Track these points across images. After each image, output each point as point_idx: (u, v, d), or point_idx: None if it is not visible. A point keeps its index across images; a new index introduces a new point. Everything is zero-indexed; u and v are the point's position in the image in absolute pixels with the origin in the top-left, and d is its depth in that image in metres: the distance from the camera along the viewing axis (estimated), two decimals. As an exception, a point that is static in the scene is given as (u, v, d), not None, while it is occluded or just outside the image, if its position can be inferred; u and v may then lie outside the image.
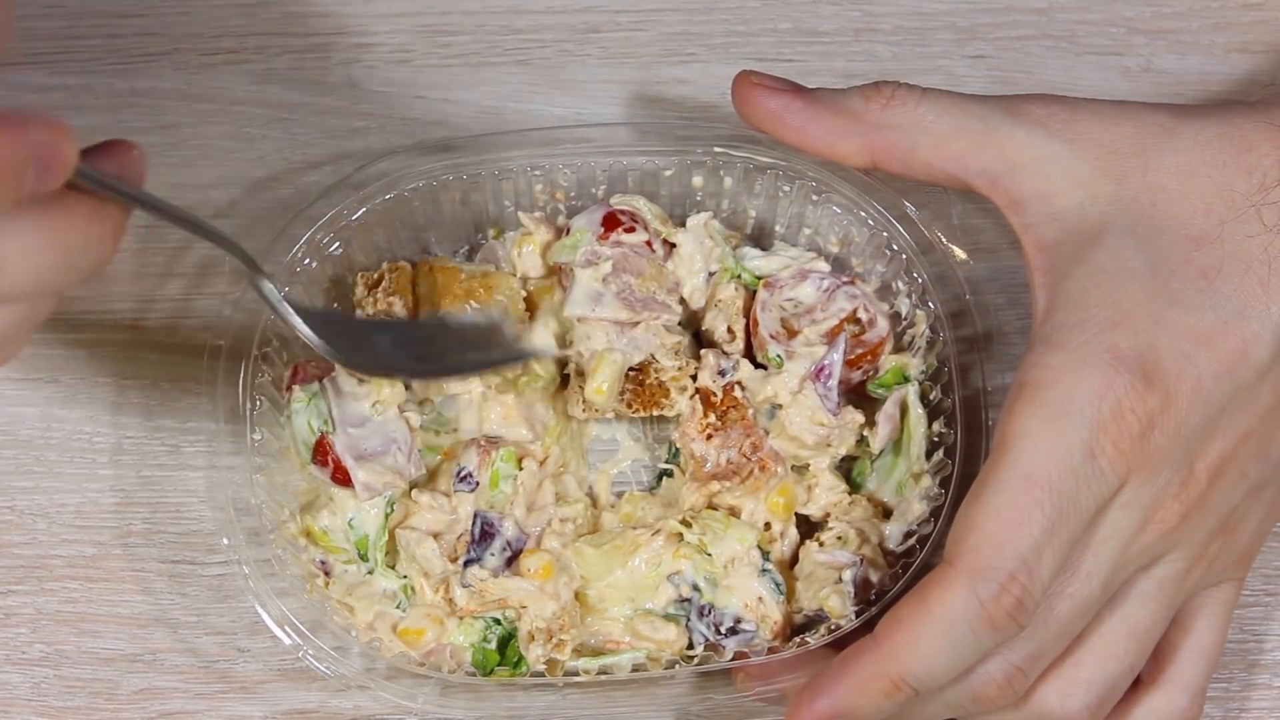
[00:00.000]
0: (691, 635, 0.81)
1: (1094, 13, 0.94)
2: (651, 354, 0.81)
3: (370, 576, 0.81)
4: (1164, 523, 0.70)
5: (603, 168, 0.85)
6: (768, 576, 0.80)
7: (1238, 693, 0.83)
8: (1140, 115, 0.74)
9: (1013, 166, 0.74)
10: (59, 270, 0.60)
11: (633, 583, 0.81)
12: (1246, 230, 0.71)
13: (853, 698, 0.69)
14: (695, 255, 0.83)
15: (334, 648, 0.78)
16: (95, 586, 0.84)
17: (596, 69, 0.92)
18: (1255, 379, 0.70)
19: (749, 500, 0.82)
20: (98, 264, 0.62)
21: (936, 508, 0.79)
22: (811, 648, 0.78)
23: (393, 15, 0.93)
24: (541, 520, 0.81)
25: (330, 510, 0.81)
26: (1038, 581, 0.67)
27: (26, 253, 0.59)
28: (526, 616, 0.79)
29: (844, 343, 0.81)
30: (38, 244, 0.59)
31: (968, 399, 0.81)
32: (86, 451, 0.86)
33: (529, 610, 0.79)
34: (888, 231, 0.83)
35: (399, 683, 0.79)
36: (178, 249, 0.89)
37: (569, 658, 0.79)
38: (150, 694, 0.83)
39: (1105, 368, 0.68)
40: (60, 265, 0.60)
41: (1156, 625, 0.73)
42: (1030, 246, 0.74)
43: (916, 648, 0.68)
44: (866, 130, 0.76)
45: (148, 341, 0.88)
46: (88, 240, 0.61)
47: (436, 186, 0.84)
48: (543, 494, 0.82)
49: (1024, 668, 0.71)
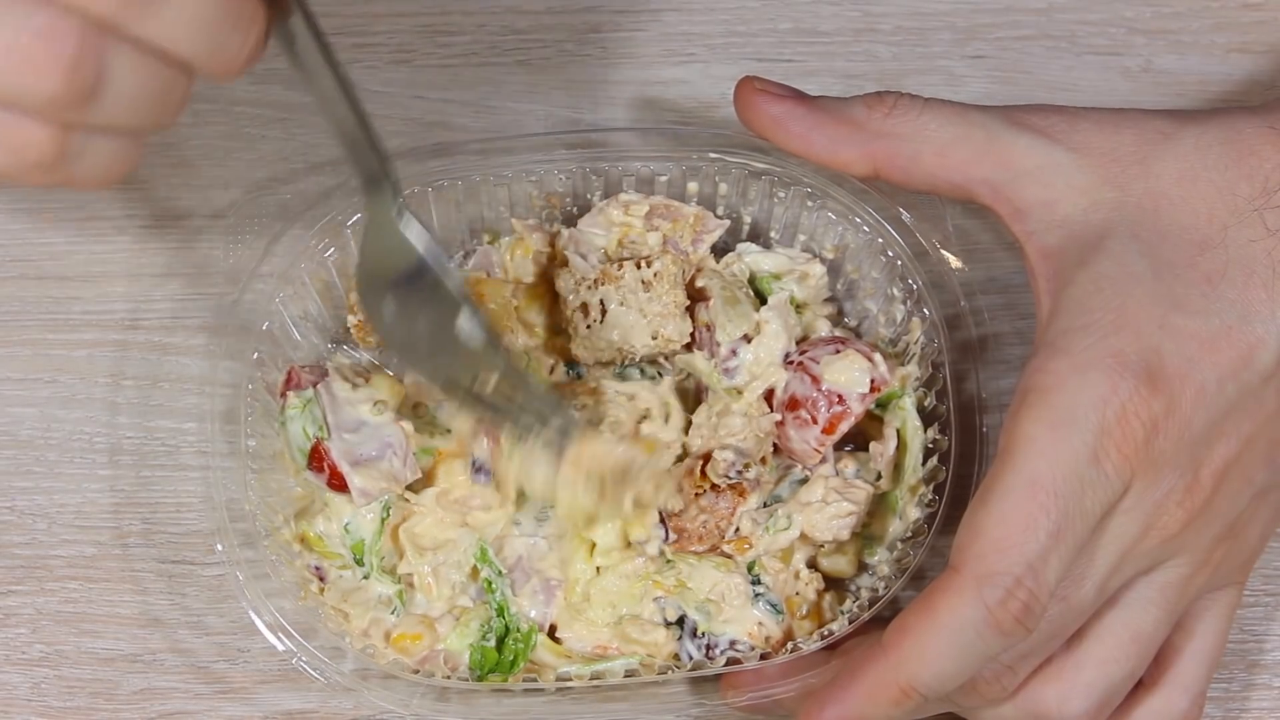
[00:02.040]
0: (680, 653, 0.80)
1: (1094, 13, 0.93)
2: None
3: (365, 582, 0.81)
4: (1166, 528, 0.70)
5: (598, 173, 0.85)
6: (762, 600, 0.80)
7: (1238, 693, 0.83)
8: (1141, 122, 0.74)
9: (1015, 174, 0.74)
10: (208, 32, 0.57)
11: (618, 589, 0.81)
12: (1249, 234, 0.71)
13: (861, 706, 0.69)
14: (780, 333, 0.81)
15: (330, 650, 0.78)
16: (95, 587, 0.84)
17: (596, 69, 0.92)
18: (1260, 383, 0.70)
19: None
20: (232, 59, 0.58)
21: (931, 514, 0.79)
22: (804, 653, 0.78)
23: (393, 15, 0.93)
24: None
25: (325, 515, 0.81)
26: (1044, 586, 0.67)
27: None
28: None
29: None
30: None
31: (963, 404, 0.81)
32: (86, 452, 0.86)
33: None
34: (883, 237, 0.83)
35: (393, 689, 0.79)
36: (176, 250, 0.89)
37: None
38: (150, 694, 0.83)
39: (1109, 372, 0.68)
40: (209, 28, 0.57)
41: (1159, 630, 0.73)
42: (1033, 254, 0.74)
43: (924, 655, 0.68)
44: (869, 138, 0.76)
45: (146, 342, 0.88)
46: (240, 19, 0.58)
47: (432, 191, 0.84)
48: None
49: (1014, 666, 0.71)
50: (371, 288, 0.71)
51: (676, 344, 0.80)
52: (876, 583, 0.80)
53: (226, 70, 0.59)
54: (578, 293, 0.80)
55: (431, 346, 0.72)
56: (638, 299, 0.80)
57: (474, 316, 0.70)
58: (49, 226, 0.89)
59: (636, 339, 0.80)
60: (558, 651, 0.80)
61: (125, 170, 0.60)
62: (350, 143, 0.64)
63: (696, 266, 0.84)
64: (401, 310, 0.71)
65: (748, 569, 0.81)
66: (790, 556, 0.81)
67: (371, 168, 0.65)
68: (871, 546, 0.82)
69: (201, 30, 0.57)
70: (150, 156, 0.90)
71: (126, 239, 0.89)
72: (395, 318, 0.72)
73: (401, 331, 0.72)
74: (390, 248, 0.68)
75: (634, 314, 0.80)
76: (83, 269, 0.89)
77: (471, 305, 0.70)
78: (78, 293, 0.88)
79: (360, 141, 0.64)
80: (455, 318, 0.70)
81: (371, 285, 0.71)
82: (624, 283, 0.80)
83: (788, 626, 0.81)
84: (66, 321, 0.88)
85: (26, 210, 0.89)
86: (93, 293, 0.88)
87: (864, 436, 0.83)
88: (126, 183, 0.89)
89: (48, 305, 0.88)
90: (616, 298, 0.80)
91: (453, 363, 0.73)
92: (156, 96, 0.58)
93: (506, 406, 0.74)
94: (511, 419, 0.75)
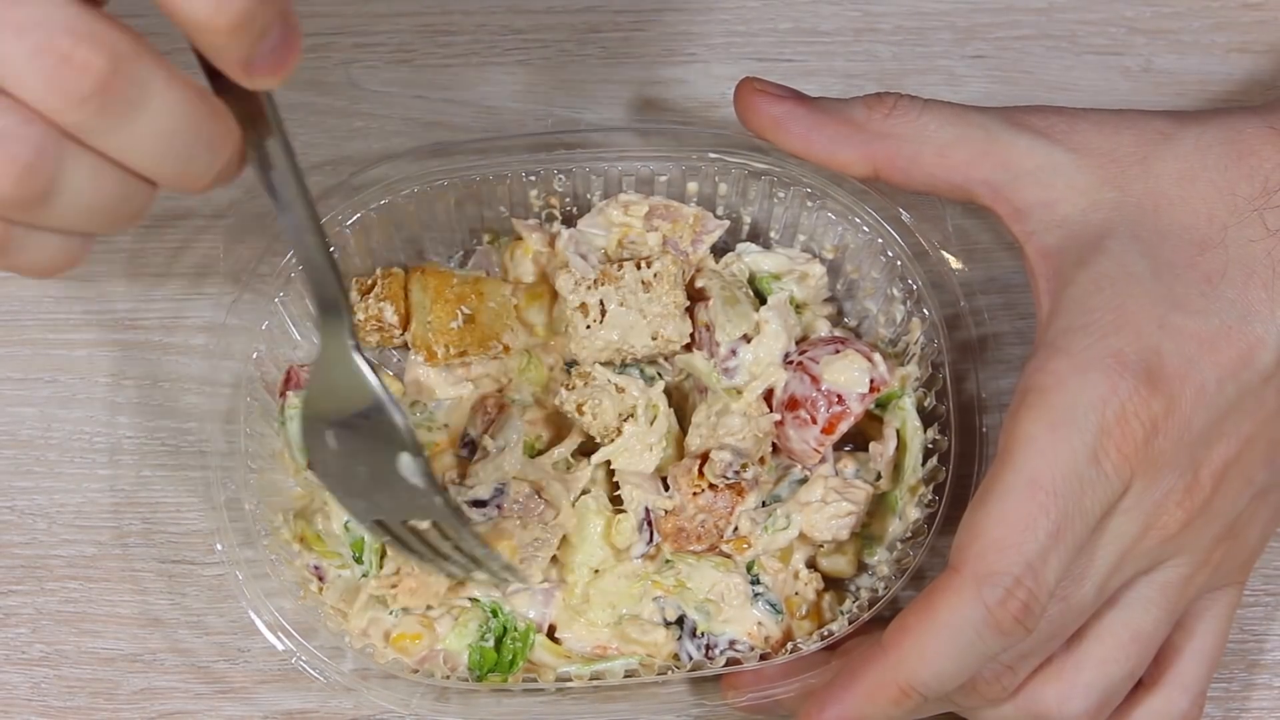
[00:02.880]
0: (680, 653, 0.81)
1: (1094, 13, 0.93)
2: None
3: (364, 580, 0.81)
4: (1166, 528, 0.70)
5: (598, 173, 0.85)
6: (761, 600, 0.80)
7: (1238, 693, 0.83)
8: (1140, 122, 0.74)
9: (1015, 175, 0.74)
10: (176, 150, 0.55)
11: (617, 590, 0.81)
12: (1249, 234, 0.71)
13: (862, 706, 0.69)
14: (780, 333, 0.81)
15: (330, 650, 0.78)
16: (95, 586, 0.84)
17: (596, 69, 0.92)
18: (1260, 383, 0.70)
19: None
20: (199, 178, 0.57)
21: (930, 514, 0.79)
22: (804, 653, 0.78)
23: (393, 15, 0.93)
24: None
25: (325, 514, 0.81)
26: (1044, 586, 0.67)
27: (165, 113, 0.54)
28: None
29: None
30: (177, 109, 0.54)
31: (963, 404, 0.81)
32: (86, 451, 0.86)
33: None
34: (882, 237, 0.83)
35: (393, 689, 0.79)
36: (176, 250, 0.88)
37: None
38: (150, 694, 0.83)
39: (1109, 372, 0.68)
40: (178, 146, 0.55)
41: (1159, 630, 0.73)
42: (1033, 254, 0.74)
43: (924, 654, 0.68)
44: (869, 139, 0.76)
45: (146, 342, 0.88)
46: (213, 140, 0.56)
47: (431, 191, 0.84)
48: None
49: (1014, 666, 0.71)
50: (316, 419, 0.69)
51: (676, 344, 0.80)
52: (876, 583, 0.80)
53: (192, 188, 0.58)
54: (578, 293, 0.80)
55: (369, 484, 0.70)
56: (638, 299, 0.80)
57: (417, 458, 0.68)
58: (49, 226, 0.89)
59: (636, 339, 0.80)
60: (557, 652, 0.80)
61: (70, 266, 0.59)
62: (313, 272, 0.64)
63: (696, 267, 0.84)
64: (343, 444, 0.69)
65: (747, 569, 0.81)
66: (789, 556, 0.82)
67: (330, 299, 0.65)
68: (871, 546, 0.82)
69: (170, 147, 0.55)
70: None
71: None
72: (336, 451, 0.69)
73: (339, 465, 0.70)
74: (341, 381, 0.67)
75: (634, 314, 0.80)
76: (83, 269, 0.88)
77: (416, 446, 0.67)
78: (78, 293, 0.88)
79: (323, 272, 0.64)
80: (397, 457, 0.68)
81: (316, 416, 0.69)
82: (624, 283, 0.80)
83: (787, 626, 0.81)
84: (66, 321, 0.88)
85: (26, 210, 0.89)
86: (93, 293, 0.88)
87: (864, 436, 0.83)
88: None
89: (48, 305, 0.88)
90: (616, 298, 0.80)
91: (389, 501, 0.70)
92: (113, 206, 0.57)
93: (436, 550, 0.73)
94: (439, 564, 0.74)
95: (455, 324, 0.81)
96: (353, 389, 0.66)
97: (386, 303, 0.82)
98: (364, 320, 0.83)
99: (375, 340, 0.84)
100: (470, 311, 0.82)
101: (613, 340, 0.80)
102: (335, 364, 0.66)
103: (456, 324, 0.81)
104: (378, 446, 0.68)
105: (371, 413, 0.67)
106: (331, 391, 0.67)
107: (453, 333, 0.81)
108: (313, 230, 0.62)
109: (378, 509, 0.71)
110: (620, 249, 0.83)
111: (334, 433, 0.68)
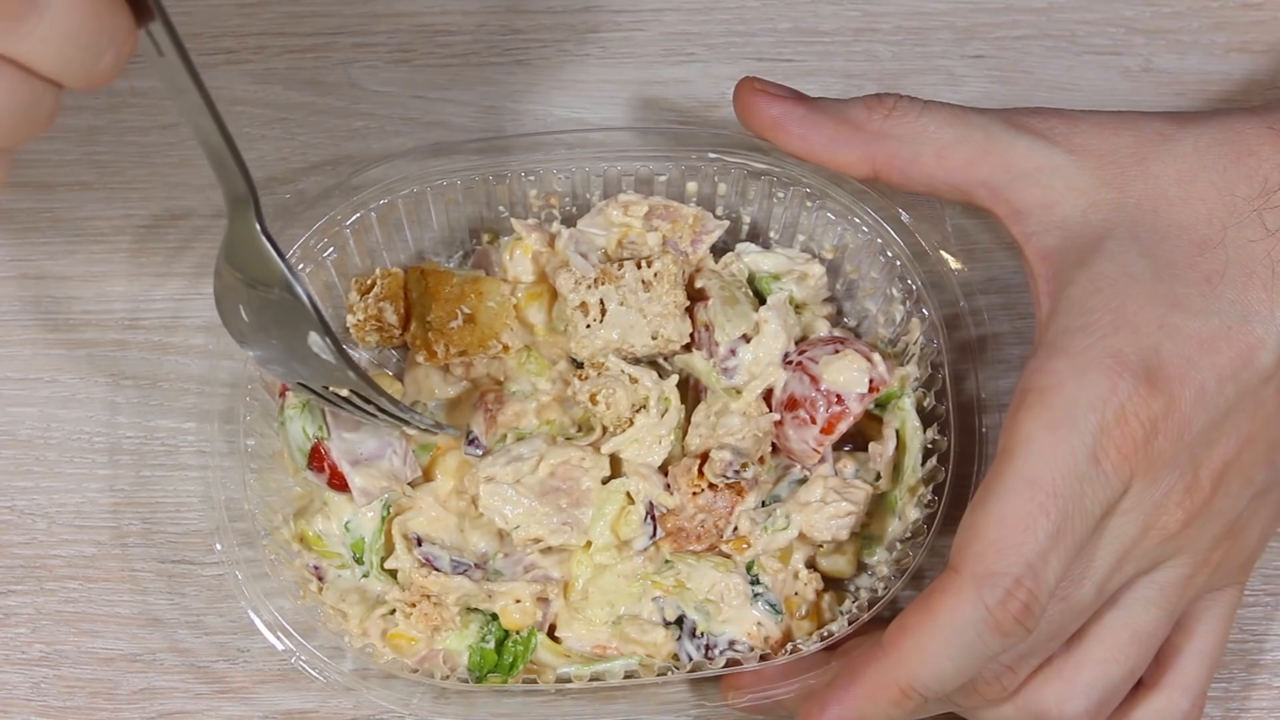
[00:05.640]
0: (679, 653, 0.80)
1: (1094, 12, 0.93)
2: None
3: (364, 581, 0.81)
4: (1166, 528, 0.70)
5: (597, 173, 0.85)
6: (761, 600, 0.80)
7: (1238, 693, 0.83)
8: (1139, 123, 0.74)
9: (1014, 176, 0.74)
10: (81, 48, 0.56)
11: (617, 589, 0.81)
12: (1249, 235, 0.71)
13: (862, 707, 0.69)
14: (779, 333, 0.81)
15: (329, 650, 0.78)
16: (95, 586, 0.84)
17: (596, 69, 0.92)
18: (1259, 383, 0.70)
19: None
20: (103, 75, 0.58)
21: (930, 515, 0.79)
22: (804, 654, 0.78)
23: (393, 15, 0.93)
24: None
25: (325, 514, 0.81)
26: (1044, 586, 0.67)
27: (68, 11, 0.55)
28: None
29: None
30: (79, 6, 0.55)
31: (962, 404, 0.81)
32: (85, 451, 0.86)
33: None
34: (882, 238, 0.83)
35: (393, 689, 0.79)
36: (176, 250, 0.88)
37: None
38: (150, 694, 0.83)
39: (1108, 372, 0.68)
40: (84, 43, 0.56)
41: (1159, 630, 0.73)
42: (1033, 255, 0.74)
43: (924, 655, 0.68)
44: (868, 140, 0.76)
45: (145, 342, 0.88)
46: (115, 34, 0.56)
47: (431, 191, 0.84)
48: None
49: (1014, 666, 0.71)
50: (228, 295, 0.72)
51: (676, 344, 0.80)
52: (876, 583, 0.80)
53: (95, 84, 0.58)
54: (578, 292, 0.80)
55: (285, 354, 0.73)
56: (638, 299, 0.80)
57: (325, 336, 0.71)
58: (49, 226, 0.89)
59: (636, 339, 0.80)
60: (557, 651, 0.81)
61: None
62: (215, 157, 0.65)
63: (696, 267, 0.84)
64: (256, 318, 0.72)
65: (746, 569, 0.81)
66: (789, 556, 0.82)
67: (235, 183, 0.66)
68: (870, 547, 0.82)
69: (73, 46, 0.56)
70: (150, 156, 0.90)
71: (126, 239, 0.89)
72: (251, 324, 0.72)
73: (258, 337, 0.73)
74: (250, 260, 0.69)
75: (634, 314, 0.80)
76: (83, 269, 0.89)
77: (323, 324, 0.70)
78: (78, 293, 0.88)
79: (224, 156, 0.65)
80: (309, 333, 0.71)
81: (228, 293, 0.72)
82: (624, 283, 0.80)
83: (787, 626, 0.81)
84: (66, 321, 0.88)
85: (26, 210, 0.89)
86: (92, 293, 0.88)
87: (863, 436, 0.83)
88: (127, 183, 0.89)
89: (48, 305, 0.88)
90: (616, 298, 0.80)
91: (305, 370, 0.74)
92: (23, 112, 0.57)
93: (362, 410, 0.77)
94: (368, 420, 0.78)
95: (455, 323, 0.81)
96: (261, 268, 0.69)
97: (386, 302, 0.83)
98: (364, 320, 0.83)
99: (375, 340, 0.84)
100: (470, 311, 0.82)
101: (612, 340, 0.80)
102: (243, 243, 0.68)
103: (456, 323, 0.81)
104: (289, 321, 0.71)
105: (280, 291, 0.70)
106: (241, 268, 0.70)
107: (452, 332, 0.81)
108: (208, 113, 0.63)
109: (297, 375, 0.75)
110: (620, 249, 0.83)
111: (245, 306, 0.71)
